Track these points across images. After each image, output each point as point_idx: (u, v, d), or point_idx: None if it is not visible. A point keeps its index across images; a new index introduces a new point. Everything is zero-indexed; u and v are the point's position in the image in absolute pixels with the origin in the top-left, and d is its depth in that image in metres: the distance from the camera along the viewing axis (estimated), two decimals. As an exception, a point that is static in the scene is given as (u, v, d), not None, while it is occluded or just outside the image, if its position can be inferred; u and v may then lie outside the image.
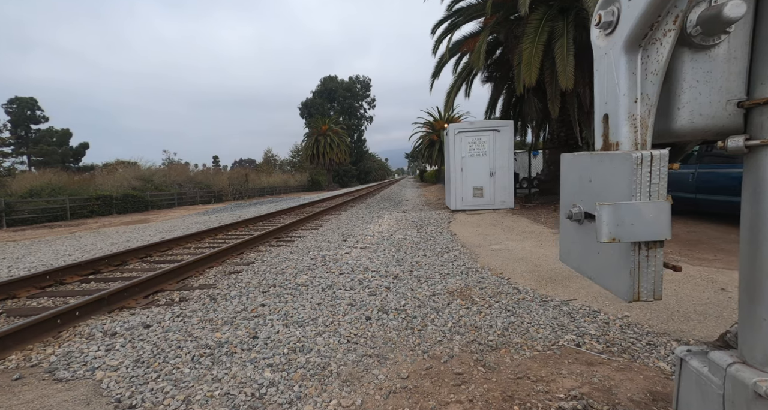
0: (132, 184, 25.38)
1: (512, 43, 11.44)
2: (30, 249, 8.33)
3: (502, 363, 2.39)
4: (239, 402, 2.06)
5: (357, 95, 62.31)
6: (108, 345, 2.87)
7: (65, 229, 14.32)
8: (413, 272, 4.72)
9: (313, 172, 47.37)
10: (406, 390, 2.12)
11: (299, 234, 8.41)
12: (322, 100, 59.29)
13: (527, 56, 9.69)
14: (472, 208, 11.31)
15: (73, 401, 2.14)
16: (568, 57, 9.26)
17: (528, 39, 9.87)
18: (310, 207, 15.89)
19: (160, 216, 19.06)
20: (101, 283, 4.82)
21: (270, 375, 2.34)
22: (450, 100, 12.81)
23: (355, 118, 62.00)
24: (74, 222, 17.82)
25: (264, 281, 4.54)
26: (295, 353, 2.63)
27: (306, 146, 44.86)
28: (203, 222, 12.33)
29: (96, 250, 7.51)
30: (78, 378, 2.43)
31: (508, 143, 11.14)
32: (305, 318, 3.27)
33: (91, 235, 10.41)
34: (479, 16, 12.25)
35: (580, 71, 9.61)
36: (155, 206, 24.45)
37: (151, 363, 2.56)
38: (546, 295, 3.67)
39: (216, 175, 33.49)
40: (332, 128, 44.07)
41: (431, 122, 38.17)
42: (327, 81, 60.43)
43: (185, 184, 29.51)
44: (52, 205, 18.63)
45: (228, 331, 3.04)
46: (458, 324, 3.03)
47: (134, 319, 3.41)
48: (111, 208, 21.18)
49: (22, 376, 2.49)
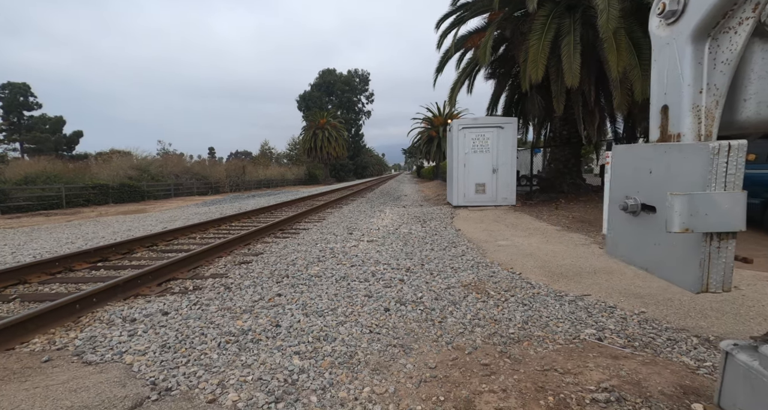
0: (128, 173, 25.12)
1: (518, 39, 11.43)
2: (30, 236, 8.24)
3: (526, 355, 2.41)
4: (273, 387, 2.07)
5: (355, 89, 62.00)
6: (130, 331, 2.86)
7: (62, 217, 14.18)
8: (424, 265, 4.74)
9: (310, 166, 47.20)
10: (437, 380, 2.14)
11: (303, 226, 8.40)
12: (320, 93, 58.94)
13: (534, 53, 9.69)
14: (474, 204, 11.35)
15: (108, 382, 2.14)
16: (574, 55, 9.28)
17: (535, 36, 9.86)
18: (310, 200, 15.86)
19: (157, 206, 18.93)
20: (111, 271, 4.79)
21: (299, 362, 2.35)
22: (453, 95, 12.79)
23: (353, 112, 61.74)
24: (70, 210, 17.65)
25: (276, 272, 4.54)
26: (319, 341, 2.65)
27: (304, 139, 44.66)
28: (203, 213, 12.26)
29: (98, 239, 7.45)
30: (107, 362, 2.43)
31: (511, 140, 11.17)
32: (324, 308, 3.28)
33: (90, 224, 10.33)
34: (485, 11, 12.22)
35: (585, 69, 9.64)
36: (151, 196, 24.28)
37: (177, 349, 2.56)
38: (559, 290, 3.70)
39: (213, 167, 33.28)
40: (330, 122, 43.88)
41: (430, 118, 38.11)
42: (326, 74, 60.03)
43: (182, 175, 29.30)
44: (47, 193, 18.44)
45: (249, 319, 3.05)
46: (477, 317, 3.06)
47: (151, 306, 3.40)
48: (107, 198, 21.01)
49: (51, 358, 2.50)
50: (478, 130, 11.20)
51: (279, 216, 10.35)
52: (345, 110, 59.03)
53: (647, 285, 3.69)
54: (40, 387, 2.08)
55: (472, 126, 11.25)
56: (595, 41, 9.75)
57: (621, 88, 9.23)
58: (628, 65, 9.08)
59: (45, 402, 1.97)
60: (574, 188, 12.45)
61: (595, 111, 10.27)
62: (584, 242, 6.17)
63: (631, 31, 9.47)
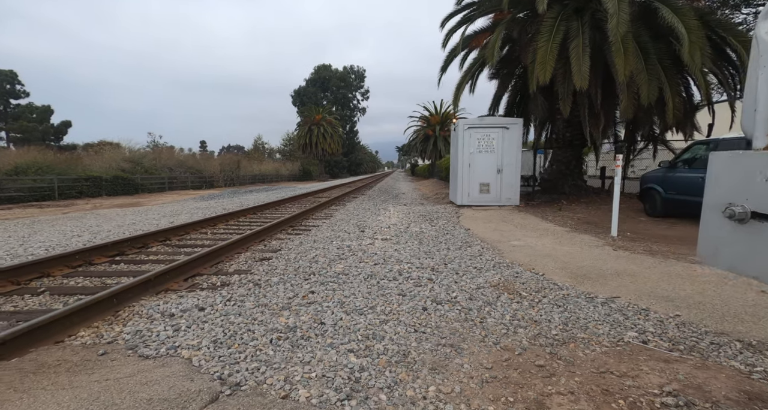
0: (121, 165, 24.71)
1: (524, 40, 11.49)
2: (32, 228, 8.07)
3: (577, 357, 2.45)
4: (339, 385, 2.07)
5: (351, 85, 61.75)
6: (173, 326, 2.84)
7: (57, 209, 13.92)
8: (447, 265, 4.76)
9: (304, 162, 46.96)
10: (497, 380, 2.16)
11: (312, 223, 8.36)
12: (315, 88, 58.56)
13: (542, 54, 9.75)
14: (478, 204, 11.42)
15: (176, 376, 2.13)
16: (583, 57, 9.36)
17: (543, 37, 9.92)
18: (311, 197, 15.79)
19: (152, 199, 18.69)
20: (130, 265, 4.74)
21: (356, 360, 2.35)
22: (458, 95, 12.80)
23: (348, 109, 61.52)
24: (63, 202, 17.33)
25: (300, 269, 4.52)
26: (369, 340, 2.65)
27: (299, 135, 44.43)
28: (204, 208, 12.12)
29: (105, 232, 7.33)
30: (164, 356, 2.42)
31: (516, 141, 11.25)
32: (362, 306, 3.28)
33: (91, 217, 10.14)
34: (493, 10, 12.25)
35: (592, 72, 9.72)
36: (145, 189, 23.94)
37: (230, 345, 2.55)
38: (588, 292, 3.75)
39: (207, 161, 32.91)
40: (326, 118, 43.70)
41: (427, 116, 38.16)
42: (321, 69, 59.65)
43: (176, 168, 28.91)
44: (39, 184, 18.05)
45: (291, 316, 3.04)
46: (516, 318, 3.08)
47: (185, 302, 3.37)
48: (100, 190, 20.66)
49: (107, 352, 2.48)
50: (483, 130, 11.26)
51: (284, 212, 10.29)
52: (340, 106, 58.79)
53: (675, 289, 3.76)
54: (111, 380, 2.07)
55: (477, 126, 11.30)
56: (602, 44, 9.85)
57: (628, 92, 9.34)
58: (635, 69, 9.19)
59: (122, 394, 1.96)
60: (575, 189, 12.59)
61: (601, 114, 10.37)
62: (596, 244, 6.24)
63: (638, 36, 9.60)
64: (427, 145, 36.96)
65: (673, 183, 8.55)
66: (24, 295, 3.57)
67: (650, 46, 9.59)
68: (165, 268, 3.86)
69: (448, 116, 37.55)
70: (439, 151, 35.81)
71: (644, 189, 9.61)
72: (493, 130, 11.25)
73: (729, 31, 9.52)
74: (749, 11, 12.95)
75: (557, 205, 11.43)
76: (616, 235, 7.06)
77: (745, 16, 13.18)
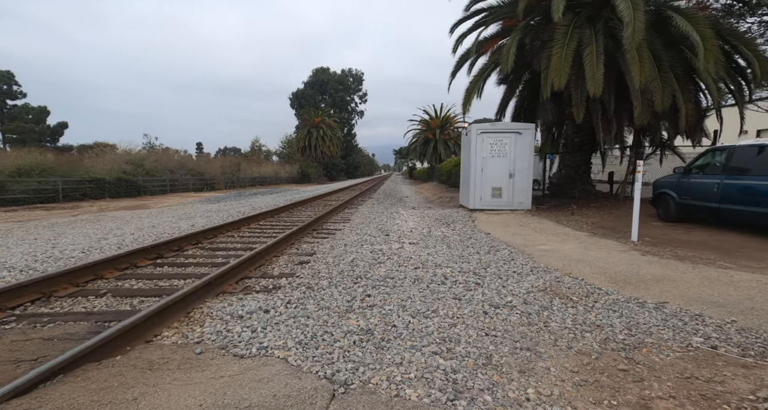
0: (122, 167, 24.54)
1: (536, 47, 11.65)
2: (54, 230, 8.03)
3: (654, 362, 2.51)
4: (441, 385, 2.14)
5: (349, 88, 61.88)
6: (248, 327, 2.94)
7: (65, 211, 13.83)
8: (486, 269, 4.83)
9: (303, 164, 46.94)
10: (590, 384, 2.23)
11: (333, 227, 8.40)
12: (313, 91, 58.62)
13: (556, 61, 9.90)
14: (491, 208, 11.52)
15: (282, 375, 2.21)
16: (598, 64, 9.52)
17: (557, 44, 10.07)
18: (320, 200, 15.82)
19: (157, 202, 18.60)
20: (174, 268, 4.81)
21: (444, 362, 2.41)
22: (469, 99, 12.91)
23: (346, 112, 61.61)
24: (68, 204, 17.19)
25: (344, 272, 4.56)
26: (446, 342, 2.71)
27: (298, 137, 44.42)
28: (217, 211, 12.11)
29: (127, 235, 7.32)
30: (258, 356, 2.51)
31: (528, 146, 11.38)
32: (423, 310, 3.34)
33: (107, 220, 10.10)
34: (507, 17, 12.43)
35: (606, 79, 9.88)
36: (147, 191, 23.79)
37: (316, 345, 2.63)
38: (635, 297, 3.83)
39: (208, 163, 32.76)
40: (325, 121, 43.75)
41: (427, 120, 38.35)
42: (319, 72, 59.73)
43: (176, 170, 28.77)
44: (43, 186, 17.90)
45: (359, 319, 3.10)
46: (577, 322, 3.16)
47: (248, 304, 3.43)
48: (103, 192, 20.52)
49: (203, 351, 2.57)
50: (496, 135, 11.39)
51: (301, 216, 10.32)
52: (338, 109, 58.84)
53: (721, 294, 3.85)
54: (225, 377, 2.16)
55: (490, 131, 11.42)
56: (614, 52, 10.02)
57: (642, 99, 9.51)
58: (649, 76, 9.36)
59: (244, 390, 2.05)
60: (585, 194, 12.75)
61: (613, 120, 10.54)
62: (622, 248, 6.35)
63: (651, 43, 9.78)
64: (427, 149, 37.14)
65: (688, 188, 8.69)
66: (87, 296, 3.68)
67: (663, 54, 9.78)
68: (220, 271, 3.91)
69: (448, 120, 37.82)
70: (439, 155, 36.00)
71: (657, 194, 9.76)
72: (506, 135, 11.38)
73: (740, 40, 9.74)
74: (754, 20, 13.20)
75: (568, 209, 11.56)
76: (637, 240, 7.18)
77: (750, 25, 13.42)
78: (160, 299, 3.32)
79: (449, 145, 36.21)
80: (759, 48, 9.88)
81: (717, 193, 7.85)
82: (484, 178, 11.49)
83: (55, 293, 3.67)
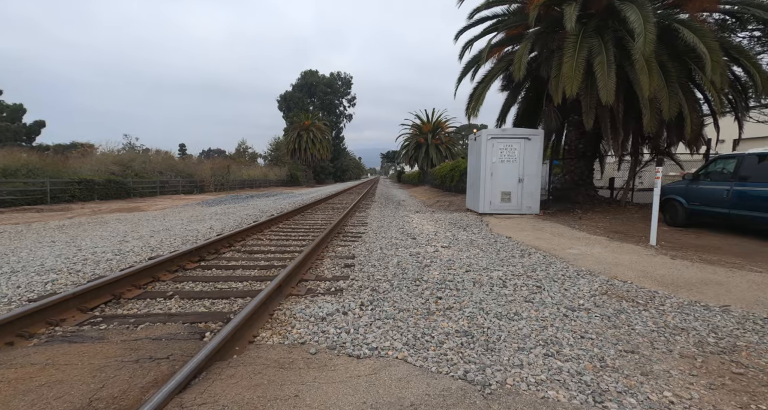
0: (109, 168, 23.88)
1: (544, 55, 11.92)
2: (66, 233, 7.73)
3: (764, 367, 2.55)
4: (578, 387, 2.16)
5: (337, 92, 61.80)
6: (341, 328, 2.97)
7: (57, 214, 13.34)
8: (535, 272, 4.88)
9: (292, 167, 46.56)
10: (719, 387, 2.24)
11: (355, 230, 8.35)
12: (302, 94, 58.32)
13: (568, 69, 10.12)
14: (500, 212, 11.67)
15: (415, 375, 2.25)
16: (609, 73, 9.78)
17: (568, 53, 10.31)
18: (324, 204, 15.69)
19: (150, 204, 18.10)
20: (222, 270, 4.74)
21: (563, 364, 2.44)
22: (477, 106, 13.05)
23: (334, 115, 61.47)
24: (57, 206, 16.57)
25: (398, 275, 4.54)
26: (550, 345, 2.73)
27: (287, 140, 44.05)
28: (223, 214, 11.87)
29: (146, 238, 7.11)
30: (374, 356, 2.52)
31: (537, 151, 11.59)
32: (503, 312, 3.35)
33: (115, 222, 9.78)
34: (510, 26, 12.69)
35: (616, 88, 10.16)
36: (137, 193, 23.18)
37: (425, 347, 2.65)
38: (695, 300, 3.91)
39: (198, 165, 32.13)
40: (315, 123, 43.56)
41: (419, 125, 38.61)
42: (307, 75, 59.49)
43: (166, 172, 28.11)
44: (30, 187, 17.21)
45: (448, 321, 3.11)
46: (659, 325, 3.20)
47: (323, 306, 3.42)
48: (93, 194, 19.90)
49: (317, 352, 2.56)
50: (506, 141, 11.56)
51: (316, 219, 10.23)
52: (326, 112, 58.68)
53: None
54: (362, 376, 2.21)
55: (500, 136, 11.59)
56: (622, 61, 10.32)
57: (651, 108, 9.81)
58: (658, 86, 9.67)
59: (392, 389, 2.10)
60: (588, 199, 13.05)
61: (620, 127, 10.84)
62: (648, 253, 6.51)
63: (658, 54, 10.11)
64: (419, 153, 37.37)
65: (697, 194, 8.99)
66: (155, 298, 3.64)
67: (670, 65, 10.12)
68: (286, 274, 3.84)
69: (440, 125, 38.17)
70: (431, 159, 36.26)
71: (664, 199, 10.06)
72: (515, 141, 11.57)
73: (741, 53, 10.18)
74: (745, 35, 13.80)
75: (574, 214, 11.80)
76: (656, 244, 7.37)
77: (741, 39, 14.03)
78: (248, 301, 3.36)
79: (441, 149, 36.53)
80: (759, 61, 10.34)
81: (727, 199, 8.13)
82: (494, 182, 11.64)
83: (122, 295, 3.64)
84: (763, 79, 9.77)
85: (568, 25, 9.82)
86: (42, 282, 4.12)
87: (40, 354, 2.42)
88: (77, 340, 2.63)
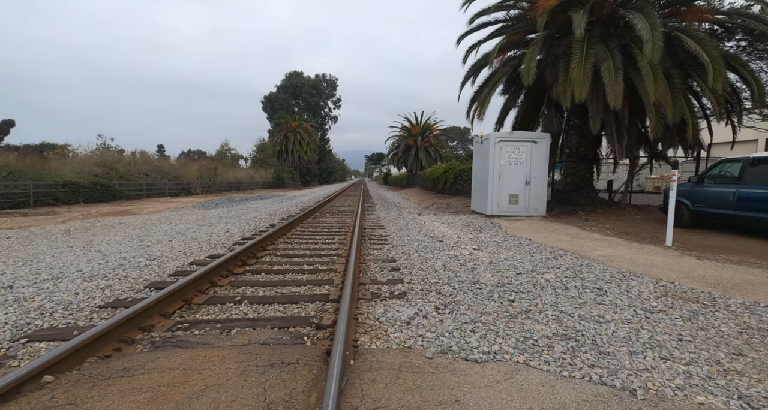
0: (93, 170, 23.02)
1: (550, 60, 12.14)
2: (76, 239, 7.37)
3: None
4: (721, 392, 2.16)
5: (323, 93, 61.41)
6: (434, 332, 2.95)
7: (45, 218, 12.70)
8: (584, 273, 4.93)
9: (278, 169, 45.93)
10: None
11: (376, 233, 8.28)
12: (287, 95, 57.68)
13: (577, 74, 10.34)
14: (507, 214, 11.80)
15: (551, 380, 2.27)
16: (617, 79, 10.04)
17: (575, 58, 10.54)
18: (326, 206, 15.52)
19: (139, 207, 17.49)
20: (270, 275, 4.65)
21: (685, 368, 2.46)
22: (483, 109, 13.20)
23: (320, 117, 61.04)
24: (41, 210, 15.85)
25: (453, 279, 4.52)
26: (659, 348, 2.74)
27: (274, 142, 43.43)
28: (227, 217, 11.57)
29: (165, 242, 6.85)
30: (493, 361, 2.53)
31: (544, 154, 11.79)
32: (584, 314, 3.37)
33: (121, 226, 9.40)
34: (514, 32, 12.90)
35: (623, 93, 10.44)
36: (123, 196, 22.39)
37: (537, 351, 2.66)
38: (755, 301, 3.99)
39: (184, 166, 31.30)
40: (302, 125, 43.12)
41: (408, 127, 38.76)
42: (292, 76, 58.89)
43: (151, 174, 27.27)
44: (12, 190, 16.37)
45: (538, 324, 3.13)
46: (739, 325, 3.26)
47: (401, 310, 3.41)
48: (77, 197, 19.10)
49: (432, 356, 2.56)
50: (513, 144, 11.71)
51: (331, 222, 10.10)
52: (311, 114, 58.21)
53: (823, 295, 4.14)
54: (501, 381, 2.24)
55: (508, 139, 11.74)
56: (627, 67, 10.61)
57: (656, 113, 10.12)
58: (663, 92, 9.99)
59: (540, 395, 2.11)
60: (589, 201, 13.34)
61: (624, 131, 11.14)
62: (673, 253, 6.67)
63: (663, 62, 10.45)
64: (409, 155, 37.49)
65: (703, 196, 9.30)
66: (225, 304, 3.58)
67: (673, 72, 10.47)
68: (351, 278, 3.77)
69: (428, 127, 38.41)
70: (420, 161, 36.43)
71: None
72: (523, 144, 11.73)
73: (738, 62, 10.62)
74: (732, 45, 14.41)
75: (578, 215, 12.03)
76: (671, 245, 7.57)
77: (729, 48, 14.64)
78: (338, 304, 3.30)
79: (430, 151, 36.75)
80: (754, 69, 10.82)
81: (733, 201, 8.43)
82: (502, 184, 11.76)
83: (191, 300, 3.54)
84: (759, 86, 10.23)
85: (578, 31, 10.02)
86: (96, 288, 3.95)
87: (164, 360, 2.34)
88: (186, 345, 2.54)
